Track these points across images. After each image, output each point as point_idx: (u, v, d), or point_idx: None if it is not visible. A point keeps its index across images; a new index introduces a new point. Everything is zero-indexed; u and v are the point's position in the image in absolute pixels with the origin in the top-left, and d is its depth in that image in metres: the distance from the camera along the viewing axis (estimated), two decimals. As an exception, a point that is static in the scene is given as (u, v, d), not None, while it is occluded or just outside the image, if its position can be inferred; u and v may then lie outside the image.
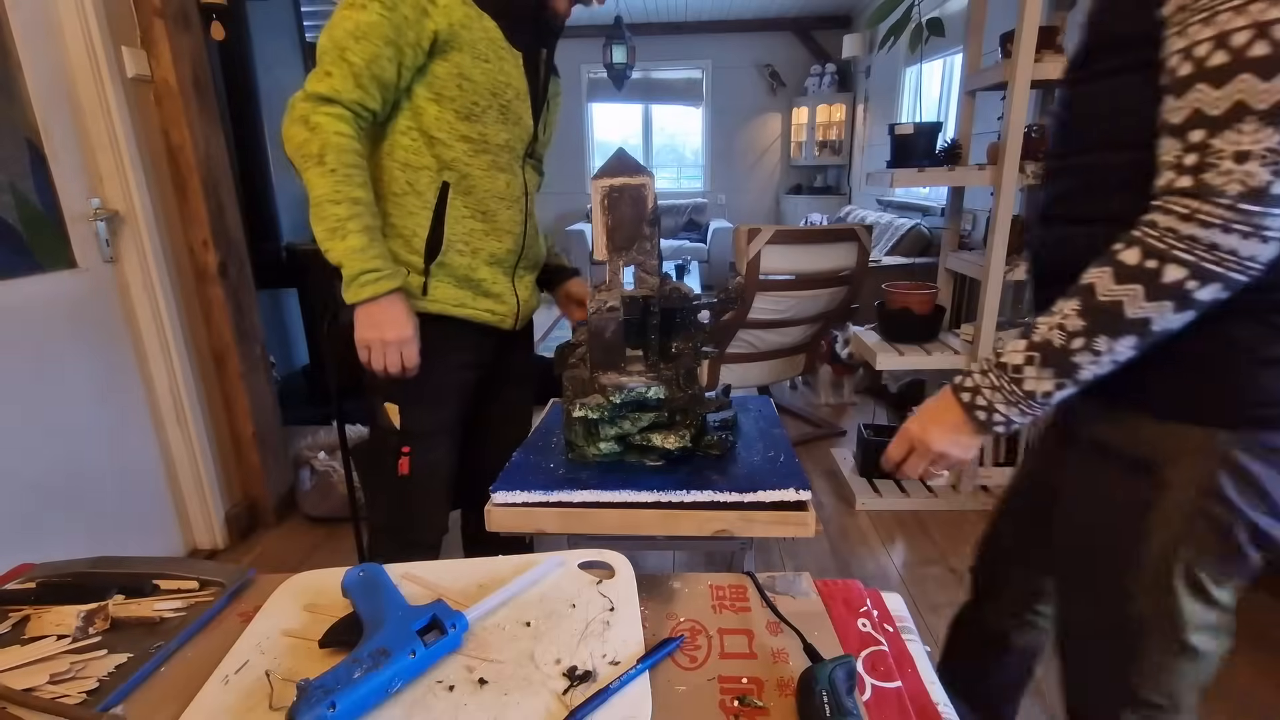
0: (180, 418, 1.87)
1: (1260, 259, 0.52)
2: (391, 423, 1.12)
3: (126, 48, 1.66)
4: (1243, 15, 0.49)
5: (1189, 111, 0.53)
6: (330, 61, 0.94)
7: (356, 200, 0.96)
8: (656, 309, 0.99)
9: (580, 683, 0.55)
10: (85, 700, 0.56)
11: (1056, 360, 0.59)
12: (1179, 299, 0.54)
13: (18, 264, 1.47)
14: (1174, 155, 0.54)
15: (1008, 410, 0.63)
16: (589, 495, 0.91)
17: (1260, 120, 0.49)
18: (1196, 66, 0.52)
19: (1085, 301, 0.57)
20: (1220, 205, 0.51)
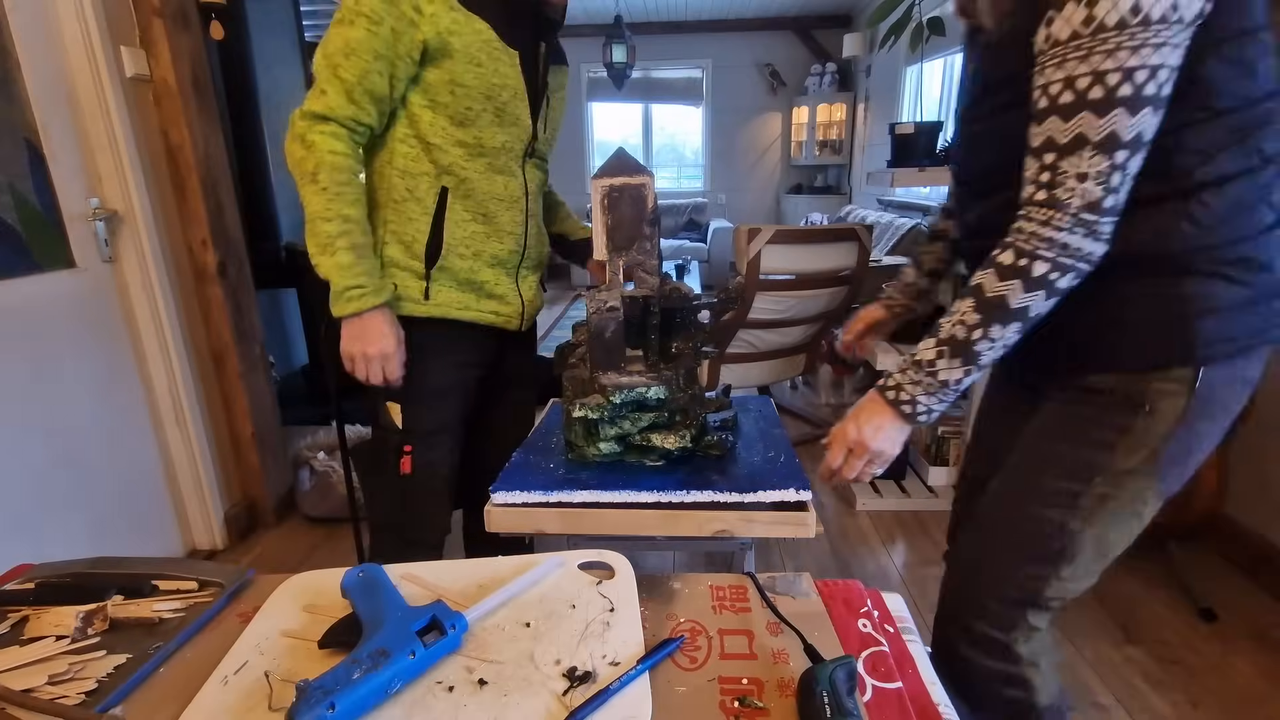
0: (179, 418, 1.86)
1: (1096, 254, 0.67)
2: (394, 421, 1.12)
3: (125, 47, 1.66)
4: (1085, 64, 0.62)
5: (1044, 138, 0.66)
6: (324, 79, 0.97)
7: (346, 218, 1.00)
8: (656, 309, 0.99)
9: (580, 683, 0.55)
10: (84, 701, 0.56)
11: (961, 351, 0.72)
12: (1046, 288, 0.68)
13: (16, 264, 1.47)
14: (1034, 172, 0.68)
15: (928, 400, 0.75)
16: (589, 495, 0.91)
17: (1095, 149, 0.63)
18: (1050, 101, 0.65)
19: (978, 299, 0.71)
20: (1068, 214, 0.65)
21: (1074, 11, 0.61)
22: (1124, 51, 0.60)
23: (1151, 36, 0.60)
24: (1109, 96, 0.62)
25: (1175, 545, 1.77)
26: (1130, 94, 0.61)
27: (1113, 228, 0.66)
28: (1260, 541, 1.74)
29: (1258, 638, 1.55)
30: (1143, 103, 0.62)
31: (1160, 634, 1.57)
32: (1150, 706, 1.37)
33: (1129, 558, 1.90)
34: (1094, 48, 0.61)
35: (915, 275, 1.08)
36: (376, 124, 1.03)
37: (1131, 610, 1.66)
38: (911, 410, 0.76)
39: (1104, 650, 1.53)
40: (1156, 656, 1.51)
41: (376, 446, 1.17)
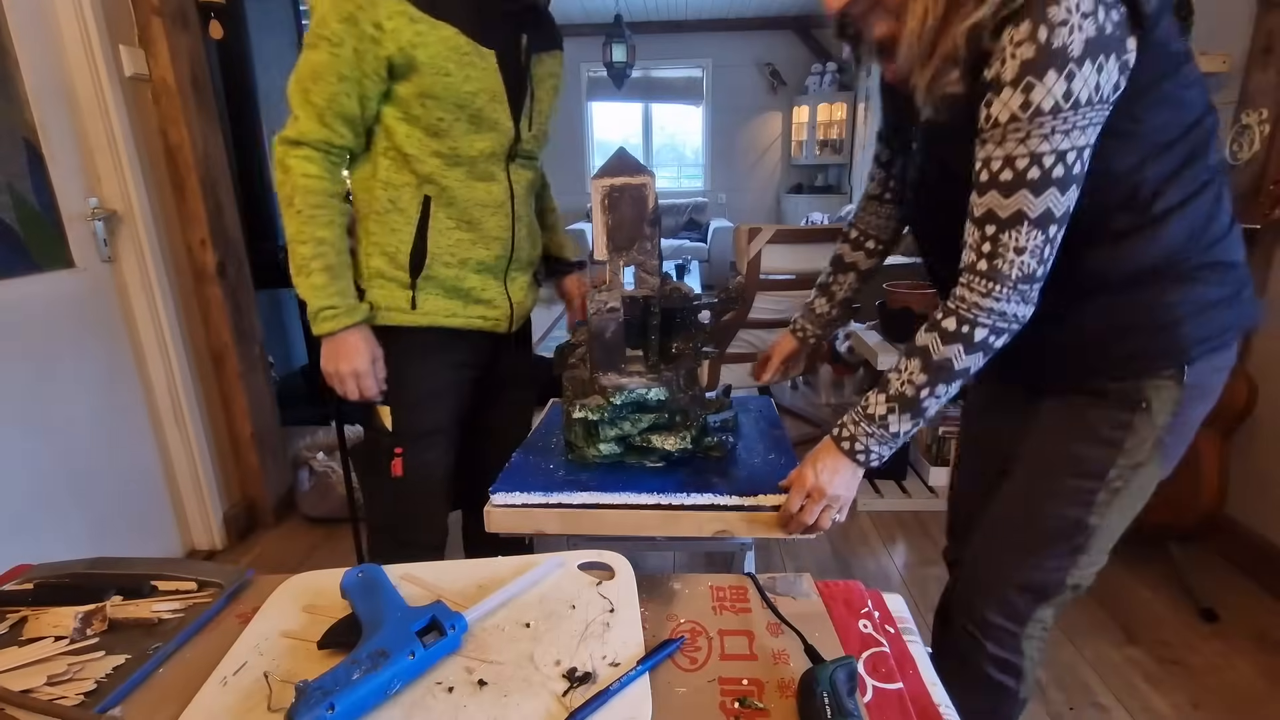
0: (178, 418, 1.86)
1: (1028, 316, 0.74)
2: (384, 424, 1.13)
3: (124, 46, 1.66)
4: (1024, 145, 0.67)
5: (985, 209, 0.72)
6: (296, 105, 0.99)
7: (320, 240, 1.02)
8: (657, 309, 0.99)
9: (580, 684, 0.55)
10: (83, 702, 0.56)
11: (910, 407, 0.78)
12: (984, 349, 0.75)
13: (15, 264, 1.47)
14: (975, 240, 0.73)
15: (880, 448, 0.81)
16: (589, 497, 0.91)
17: (1032, 225, 0.69)
18: (991, 176, 0.70)
19: (925, 361, 0.77)
20: (1006, 286, 0.72)
21: (1011, 96, 0.66)
22: (1058, 135, 0.66)
23: (1080, 119, 0.65)
24: (1045, 177, 0.67)
25: (1176, 545, 1.77)
26: (1062, 175, 0.67)
27: (1040, 291, 0.73)
28: (1261, 542, 1.74)
29: (1259, 638, 1.55)
30: (1071, 181, 0.68)
31: (1161, 634, 1.57)
32: (1151, 707, 1.37)
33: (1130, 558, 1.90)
34: (1031, 131, 0.66)
35: (826, 306, 1.13)
36: (353, 144, 1.04)
37: (1132, 610, 1.66)
38: (865, 458, 0.82)
39: (1105, 650, 1.53)
40: (1157, 657, 1.50)
41: (370, 448, 1.18)
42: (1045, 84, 0.64)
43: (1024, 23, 0.64)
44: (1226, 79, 1.77)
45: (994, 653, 0.91)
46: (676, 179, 7.13)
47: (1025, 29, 0.64)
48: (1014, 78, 0.65)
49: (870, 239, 1.08)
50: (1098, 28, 0.62)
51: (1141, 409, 0.79)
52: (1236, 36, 1.73)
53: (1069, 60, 0.63)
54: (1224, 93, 1.80)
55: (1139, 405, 0.80)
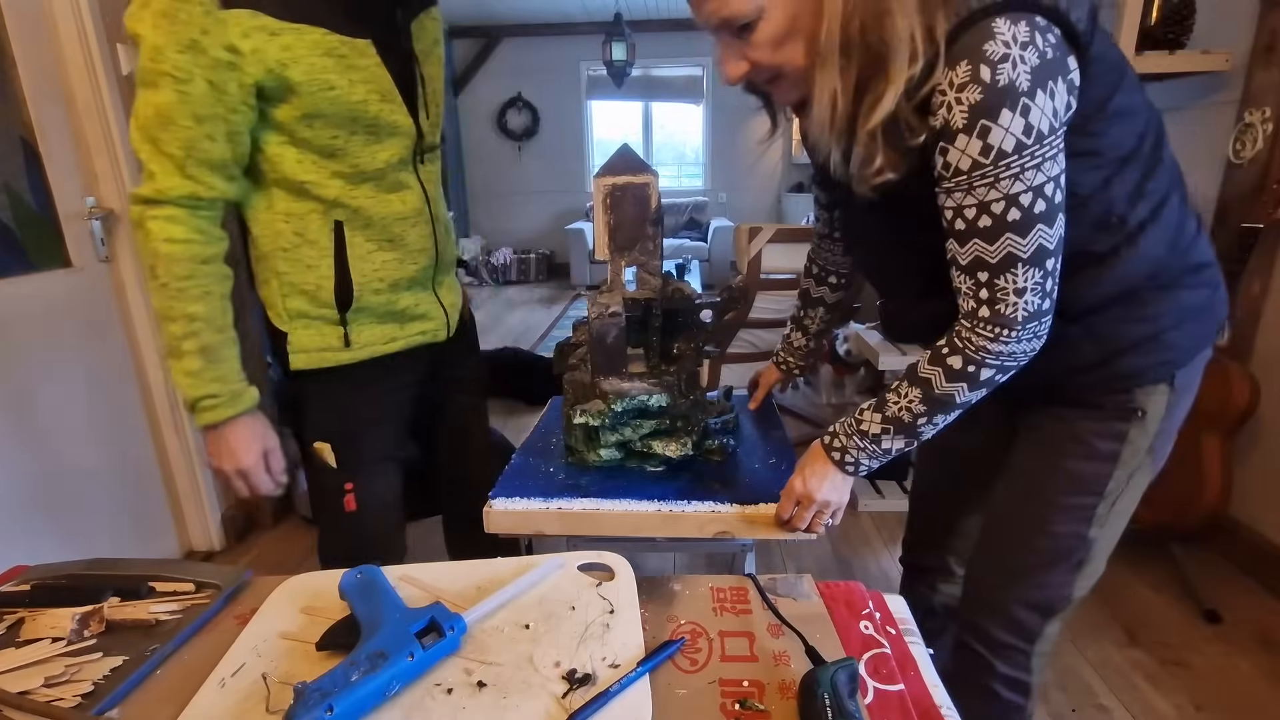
0: (176, 418, 1.86)
1: (1036, 349, 0.72)
2: (327, 462, 1.04)
3: (121, 45, 1.65)
4: (995, 189, 0.63)
5: (972, 257, 0.68)
6: (147, 157, 0.83)
7: (192, 317, 0.88)
8: (659, 310, 0.99)
9: (580, 686, 0.54)
10: (80, 703, 0.56)
11: (906, 430, 0.77)
12: (989, 386, 0.73)
13: (11, 264, 1.47)
14: (969, 287, 0.70)
15: (869, 460, 0.80)
16: (589, 503, 0.90)
17: (1026, 264, 0.66)
18: (968, 225, 0.67)
19: (925, 392, 0.74)
20: (1015, 329, 0.69)
21: (969, 143, 0.62)
22: (1029, 172, 0.62)
23: (1046, 150, 0.62)
24: (1028, 216, 0.64)
25: (1179, 546, 1.77)
26: (1045, 209, 0.64)
27: (1051, 322, 0.71)
28: (1264, 543, 1.74)
29: (1261, 639, 1.55)
30: (1056, 211, 0.65)
31: (1164, 635, 1.57)
32: (1153, 708, 1.37)
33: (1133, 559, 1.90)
34: (999, 174, 0.63)
35: (802, 339, 1.16)
36: (228, 191, 0.88)
37: (1135, 611, 1.65)
38: (855, 470, 0.81)
39: (1107, 651, 1.52)
40: (1160, 658, 1.50)
41: (316, 488, 1.08)
42: (1001, 124, 0.60)
43: (961, 64, 0.59)
44: (1228, 78, 1.77)
45: (1004, 672, 0.90)
46: (677, 178, 7.13)
47: (965, 71, 0.59)
48: (965, 124, 0.61)
49: (831, 274, 1.10)
50: (1039, 55, 0.59)
51: (1137, 418, 0.79)
52: (1238, 35, 1.73)
53: (1020, 95, 0.59)
54: (1226, 92, 1.79)
55: (1134, 414, 0.79)
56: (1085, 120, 0.66)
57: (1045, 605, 0.87)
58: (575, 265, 6.06)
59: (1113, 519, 0.83)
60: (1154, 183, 0.72)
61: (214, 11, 0.78)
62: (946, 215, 0.68)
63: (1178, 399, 0.80)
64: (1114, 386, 0.79)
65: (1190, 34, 1.76)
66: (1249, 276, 1.68)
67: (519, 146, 6.73)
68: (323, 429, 1.04)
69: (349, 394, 1.02)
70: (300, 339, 0.98)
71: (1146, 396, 0.78)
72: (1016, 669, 0.90)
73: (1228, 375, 1.61)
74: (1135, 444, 0.80)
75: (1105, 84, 0.66)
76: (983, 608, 0.92)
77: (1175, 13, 1.74)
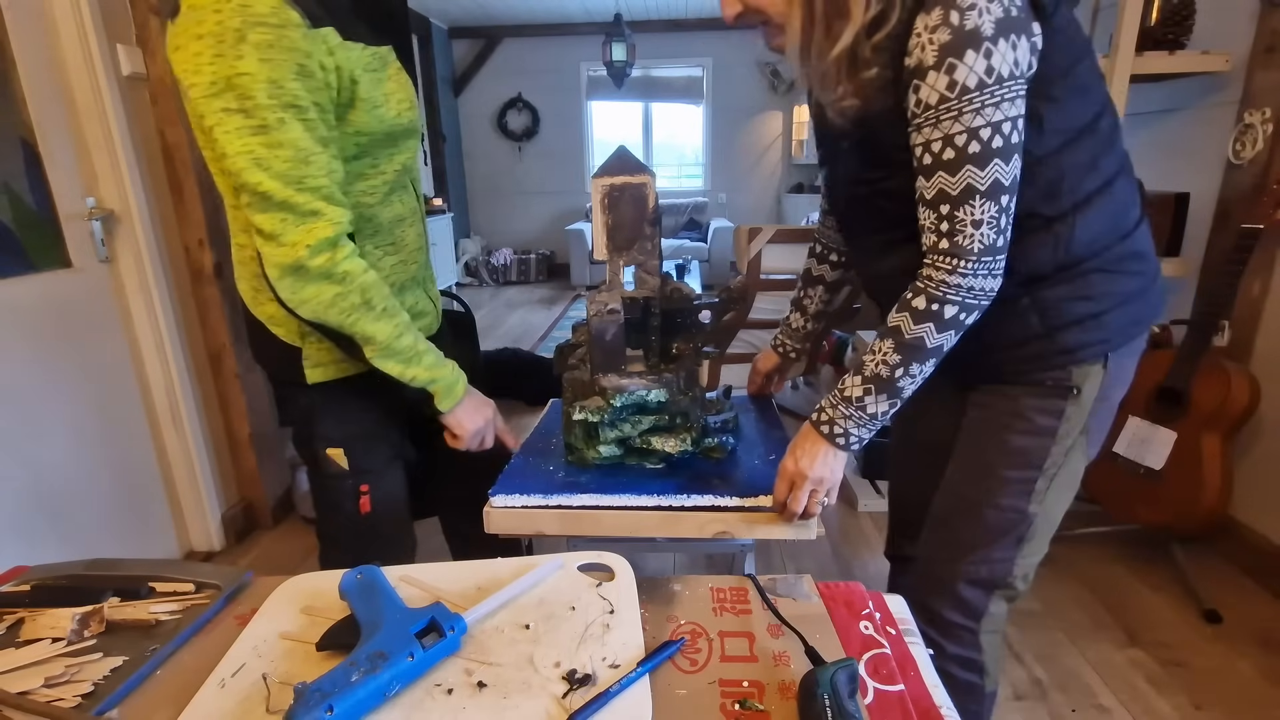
0: (176, 419, 1.86)
1: (995, 289, 0.75)
2: (340, 466, 1.04)
3: (121, 45, 1.65)
4: (958, 122, 0.69)
5: (936, 190, 0.73)
6: (303, 200, 0.80)
7: (406, 323, 0.92)
8: (657, 310, 0.99)
9: (580, 686, 0.54)
10: (80, 704, 0.56)
11: (886, 388, 0.79)
12: (956, 326, 0.76)
13: (11, 264, 1.46)
14: (931, 222, 0.75)
15: (859, 430, 0.82)
16: (588, 499, 0.90)
17: (984, 196, 0.71)
18: (934, 158, 0.72)
19: (897, 340, 0.77)
20: (970, 260, 0.73)
21: (937, 79, 0.69)
22: (989, 109, 0.68)
23: (1006, 92, 0.68)
24: (986, 150, 0.70)
25: (1179, 547, 1.77)
26: (1002, 145, 0.70)
27: (1005, 262, 0.75)
28: (1264, 543, 1.74)
29: (1262, 640, 1.55)
30: (1012, 150, 0.70)
31: (1164, 636, 1.57)
32: (1153, 709, 1.37)
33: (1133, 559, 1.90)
34: (962, 108, 0.69)
35: (801, 320, 1.17)
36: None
37: (1135, 612, 1.65)
38: (845, 441, 0.82)
39: (1107, 652, 1.52)
40: (1160, 658, 1.50)
41: (327, 495, 1.08)
42: (966, 63, 0.67)
43: (935, 9, 0.67)
44: (1228, 78, 1.77)
45: (955, 652, 0.94)
46: (676, 179, 7.13)
47: (937, 15, 0.67)
48: (935, 61, 0.68)
49: (832, 252, 1.11)
50: (1004, 9, 0.66)
51: (1073, 395, 0.84)
52: (1238, 36, 1.73)
53: (983, 39, 0.66)
54: (1226, 92, 1.79)
55: (1070, 392, 0.84)
56: (1046, 84, 0.71)
57: (989, 581, 0.92)
58: (575, 266, 6.06)
59: (1051, 496, 0.88)
60: (1104, 160, 0.77)
61: (309, 32, 0.77)
62: (916, 153, 0.74)
63: (1111, 382, 0.85)
64: (1054, 362, 0.83)
65: (1190, 34, 1.77)
66: (1249, 277, 1.68)
67: (519, 147, 6.73)
68: (336, 436, 1.04)
69: (361, 399, 1.03)
70: (316, 353, 0.97)
71: (1083, 376, 0.83)
72: (966, 648, 0.94)
73: (1228, 375, 1.61)
74: (1071, 420, 0.85)
75: (1068, 54, 0.72)
76: (932, 586, 0.95)
77: (1175, 13, 1.74)
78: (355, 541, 1.09)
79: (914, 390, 0.80)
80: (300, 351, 0.98)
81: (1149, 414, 1.73)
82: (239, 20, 0.73)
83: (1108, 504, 1.83)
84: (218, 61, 0.74)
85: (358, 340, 0.89)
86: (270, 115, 0.76)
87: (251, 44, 0.73)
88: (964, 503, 0.92)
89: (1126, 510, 1.78)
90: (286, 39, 0.75)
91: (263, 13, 0.74)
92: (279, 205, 0.79)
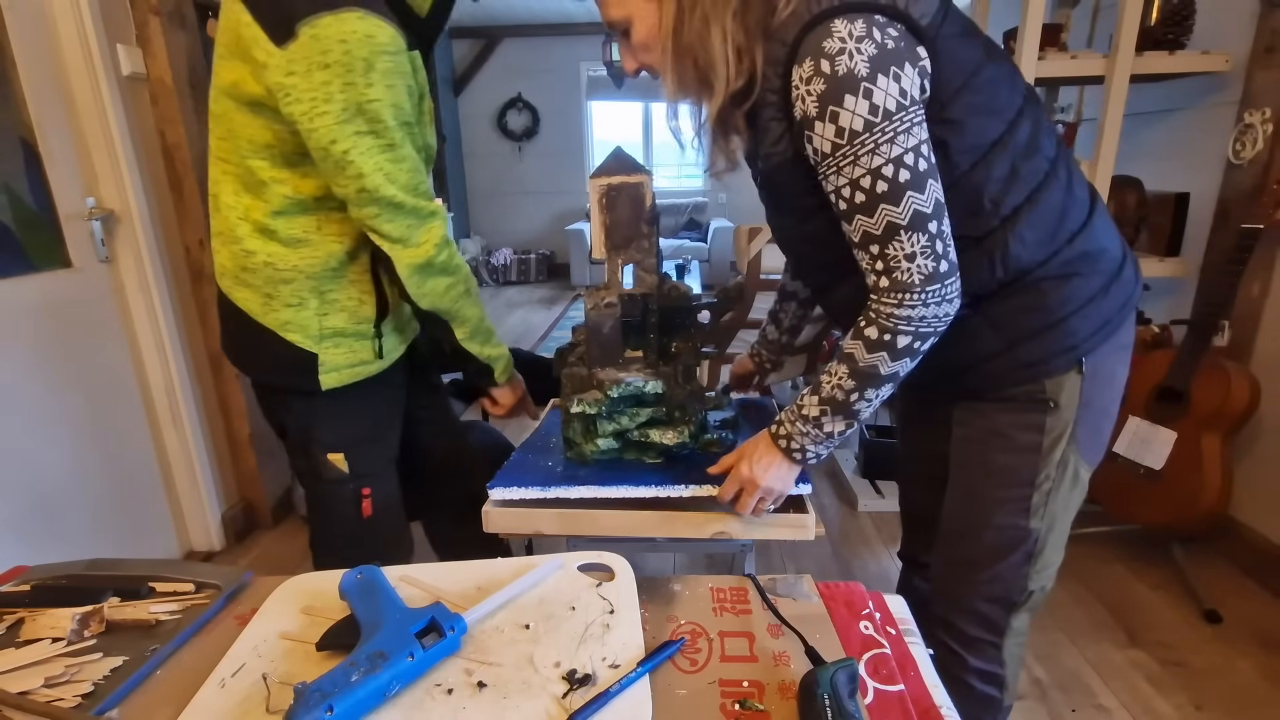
0: (176, 419, 1.86)
1: (951, 313, 0.74)
2: (340, 471, 1.05)
3: (121, 45, 1.65)
4: (858, 166, 0.69)
5: (861, 233, 0.73)
6: (420, 204, 0.90)
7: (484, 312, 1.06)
8: (655, 308, 0.99)
9: (580, 686, 0.54)
10: (80, 704, 0.56)
11: (842, 410, 0.79)
12: (911, 354, 0.75)
13: (11, 264, 1.46)
14: (867, 262, 0.74)
15: (815, 446, 0.82)
16: (587, 491, 0.90)
17: (907, 230, 0.70)
18: (848, 203, 0.72)
19: (851, 367, 0.77)
20: (915, 292, 0.72)
21: (824, 128, 0.69)
22: (884, 145, 0.67)
23: (898, 125, 0.67)
24: (893, 186, 0.69)
25: (1179, 547, 1.77)
26: (909, 176, 0.68)
27: (959, 285, 0.73)
28: (1265, 543, 1.74)
29: (1262, 640, 1.55)
30: (923, 177, 0.69)
31: (1164, 636, 1.57)
32: (1153, 709, 1.37)
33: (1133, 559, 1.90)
34: (858, 152, 0.68)
35: (776, 333, 1.18)
36: None
37: (1135, 612, 1.65)
38: (802, 456, 0.83)
39: (1107, 652, 1.52)
40: (1160, 659, 1.50)
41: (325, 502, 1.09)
42: (847, 108, 0.66)
43: (806, 61, 0.67)
44: (1228, 78, 1.77)
45: (977, 665, 0.93)
46: (676, 179, 7.13)
47: (809, 66, 0.67)
48: (817, 112, 0.68)
49: None
50: (878, 45, 0.65)
51: (1050, 408, 0.82)
52: (1238, 36, 1.73)
53: (860, 81, 0.65)
54: (1226, 92, 1.79)
55: (1047, 405, 0.82)
56: (941, 107, 0.71)
57: (1004, 598, 0.90)
58: (575, 266, 6.05)
59: (1052, 509, 0.86)
60: (1027, 166, 0.75)
61: (410, 55, 0.86)
62: (831, 200, 0.74)
63: (1093, 386, 0.82)
64: (1022, 376, 0.82)
65: (1190, 34, 1.77)
66: (1249, 277, 1.68)
67: (519, 147, 6.73)
68: (336, 441, 1.04)
69: (360, 404, 1.04)
70: (333, 358, 0.99)
71: (1057, 386, 0.81)
72: (989, 662, 0.93)
73: (1228, 375, 1.61)
74: (1054, 433, 0.83)
75: (955, 76, 0.71)
76: (950, 604, 0.95)
77: (1175, 13, 1.74)
78: (354, 549, 1.07)
79: (871, 411, 0.80)
80: (316, 358, 0.98)
81: (1149, 414, 1.73)
82: (367, 50, 0.79)
83: (1108, 504, 1.83)
84: (349, 90, 0.80)
85: (457, 323, 1.00)
86: (396, 134, 0.85)
87: (380, 72, 0.80)
88: (964, 524, 0.92)
89: (1126, 510, 1.78)
90: (401, 65, 0.83)
91: (385, 43, 0.80)
92: (408, 212, 0.89)
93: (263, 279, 0.95)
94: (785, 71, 0.69)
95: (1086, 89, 2.18)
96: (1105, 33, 1.93)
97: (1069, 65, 1.76)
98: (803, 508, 0.89)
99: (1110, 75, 1.71)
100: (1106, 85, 1.72)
